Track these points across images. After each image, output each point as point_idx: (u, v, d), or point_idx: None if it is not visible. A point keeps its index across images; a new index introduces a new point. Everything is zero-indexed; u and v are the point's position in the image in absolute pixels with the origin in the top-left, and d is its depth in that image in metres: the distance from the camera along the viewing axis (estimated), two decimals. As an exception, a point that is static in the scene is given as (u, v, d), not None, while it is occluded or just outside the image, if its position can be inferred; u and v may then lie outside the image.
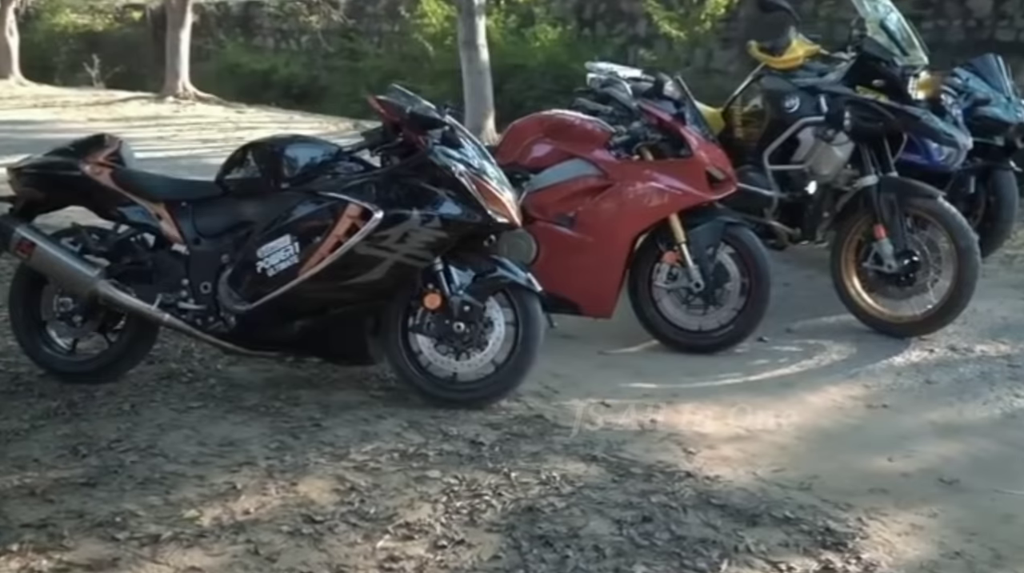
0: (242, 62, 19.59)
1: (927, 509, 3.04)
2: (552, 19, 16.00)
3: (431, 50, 15.98)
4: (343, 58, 18.77)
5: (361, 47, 18.55)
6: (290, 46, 20.49)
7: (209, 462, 3.29)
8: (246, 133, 12.06)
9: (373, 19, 19.56)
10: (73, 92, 17.31)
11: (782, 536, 2.87)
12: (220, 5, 22.29)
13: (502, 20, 16.16)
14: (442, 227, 3.54)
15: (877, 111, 4.39)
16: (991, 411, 3.83)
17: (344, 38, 19.12)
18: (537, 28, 15.32)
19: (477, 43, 10.95)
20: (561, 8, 16.72)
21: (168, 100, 14.97)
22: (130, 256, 3.84)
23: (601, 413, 3.75)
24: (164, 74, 15.98)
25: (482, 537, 2.85)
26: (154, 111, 14.10)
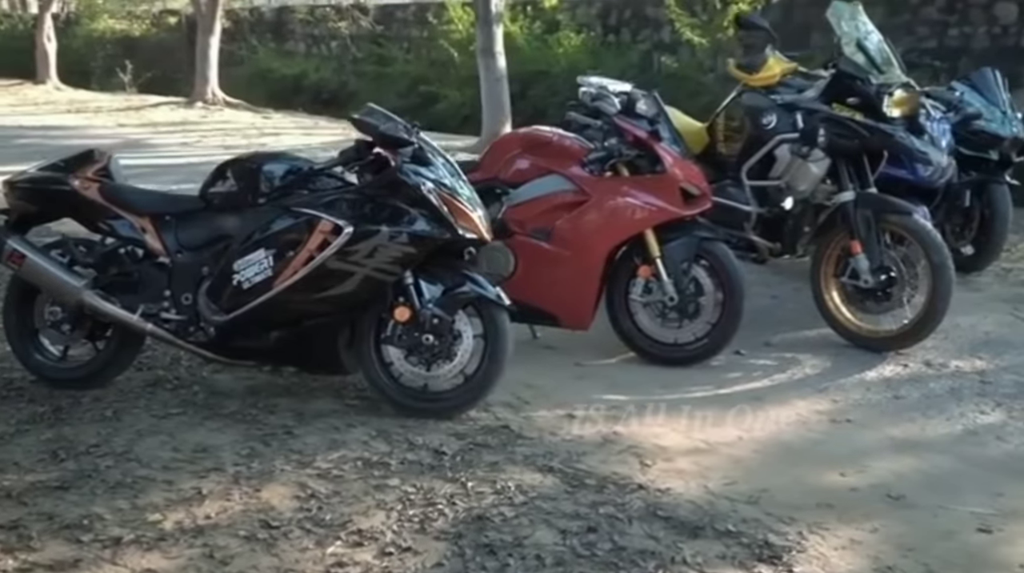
0: (273, 67, 19.88)
1: (869, 524, 3.11)
2: (576, 25, 16.10)
3: (457, 56, 16.13)
4: (372, 63, 19.00)
5: (389, 53, 18.76)
6: (321, 51, 20.75)
7: (180, 468, 3.44)
8: (270, 139, 12.32)
9: (402, 24, 19.77)
10: (107, 97, 17.68)
11: (721, 548, 2.96)
12: (253, 10, 22.62)
13: (527, 26, 16.29)
14: (410, 243, 3.66)
15: (851, 128, 4.46)
16: (953, 427, 3.87)
17: (373, 44, 19.35)
18: (560, 34, 15.41)
19: (494, 51, 11.09)
20: (586, 14, 16.82)
21: (197, 106, 15.25)
22: (116, 267, 4.00)
23: (566, 424, 3.85)
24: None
25: (429, 544, 2.96)
26: (182, 116, 14.38)
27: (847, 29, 4.68)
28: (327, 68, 19.55)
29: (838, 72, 4.60)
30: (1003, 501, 3.26)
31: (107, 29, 23.66)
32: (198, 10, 15.94)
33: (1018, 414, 3.97)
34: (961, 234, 6.05)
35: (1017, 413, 3.98)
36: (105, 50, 23.14)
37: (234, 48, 22.19)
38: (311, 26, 20.70)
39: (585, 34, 15.54)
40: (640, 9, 16.28)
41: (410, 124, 3.80)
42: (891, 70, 4.64)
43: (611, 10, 16.78)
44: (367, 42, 19.67)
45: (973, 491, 3.34)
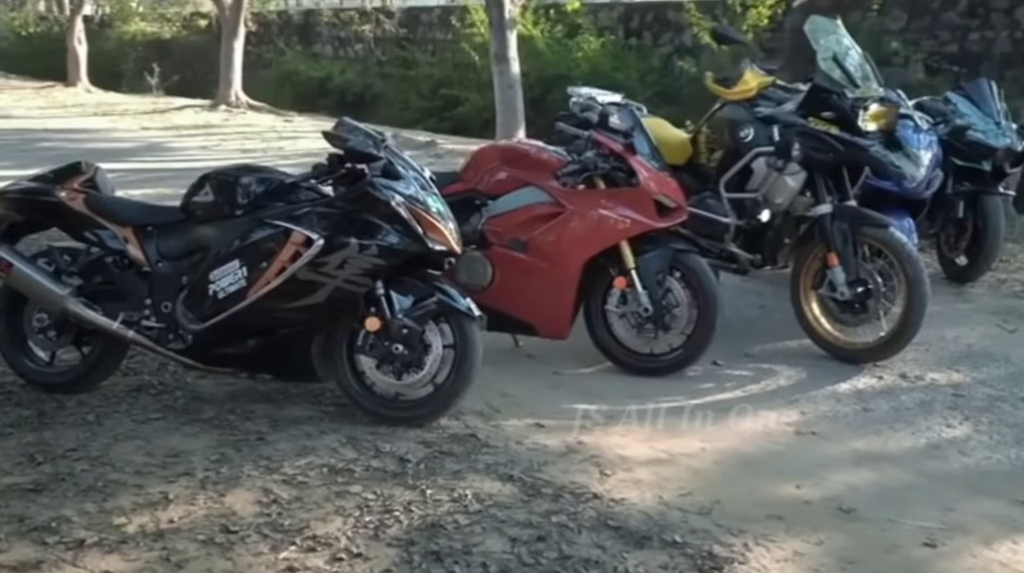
0: (300, 70, 20.12)
1: (815, 537, 3.16)
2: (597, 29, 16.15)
3: (478, 60, 16.25)
4: (396, 66, 19.17)
5: (413, 55, 18.92)
6: (347, 54, 20.97)
7: (151, 472, 3.55)
8: (287, 143, 12.50)
9: (428, 28, 19.94)
10: (135, 100, 17.97)
11: (665, 559, 3.02)
12: (281, 13, 22.91)
13: (548, 30, 16.37)
14: (379, 255, 3.76)
15: (826, 142, 4.51)
16: (917, 441, 3.91)
17: (398, 46, 19.52)
18: (580, 38, 15.48)
19: (508, 56, 11.16)
20: (608, 18, 16.88)
21: (220, 109, 15.48)
22: (100, 276, 4.13)
23: (532, 433, 3.93)
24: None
25: (380, 551, 3.05)
26: (205, 120, 14.61)
27: (824, 44, 4.71)
28: (352, 71, 19.75)
29: (814, 86, 4.65)
30: (953, 516, 3.30)
31: (138, 32, 24.05)
32: (222, 14, 16.18)
33: (985, 428, 4.00)
34: (955, 245, 6.08)
35: (984, 427, 4.01)
36: (136, 52, 23.52)
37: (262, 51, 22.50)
38: (337, 29, 20.93)
39: (605, 38, 15.61)
40: (662, 13, 16.32)
41: (380, 139, 3.89)
42: (868, 84, 4.67)
43: (633, 14, 16.84)
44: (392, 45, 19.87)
45: (925, 505, 3.38)
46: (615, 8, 17.09)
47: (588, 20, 16.54)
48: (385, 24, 18.69)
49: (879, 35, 13.26)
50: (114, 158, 10.99)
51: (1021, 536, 3.19)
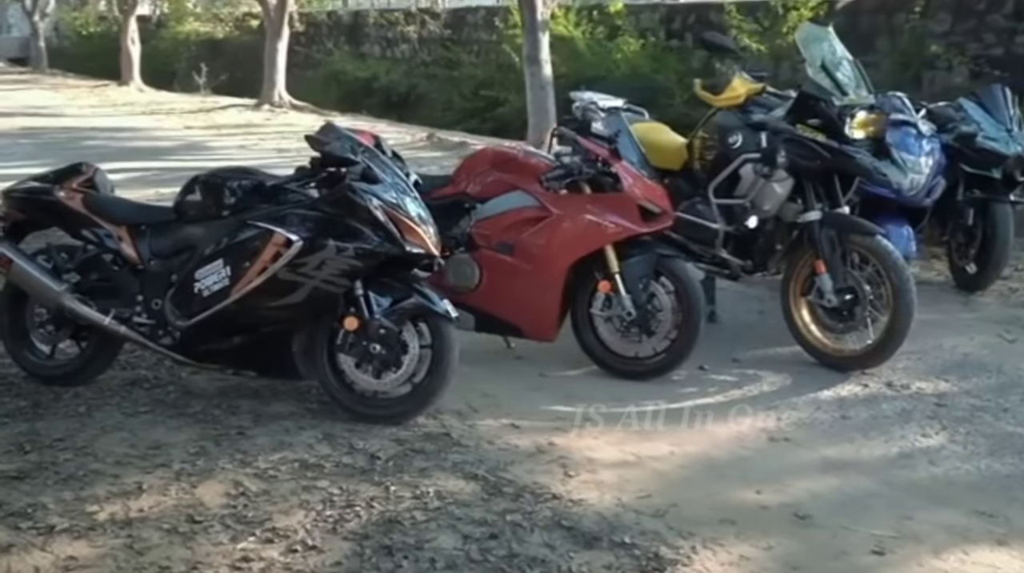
0: (346, 70, 20.41)
1: (764, 541, 3.20)
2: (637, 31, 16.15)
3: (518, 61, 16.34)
4: (441, 67, 19.35)
5: (456, 56, 19.08)
6: (394, 54, 21.21)
7: (131, 463, 3.70)
8: (323, 143, 12.67)
9: (473, 28, 20.09)
10: (183, 99, 18.36)
11: (611, 559, 3.09)
12: (331, 14, 23.22)
13: (590, 31, 16.41)
14: (356, 256, 3.86)
15: (812, 149, 4.52)
16: (888, 449, 3.92)
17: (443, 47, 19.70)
18: (620, 40, 15.50)
19: (540, 58, 11.23)
20: (650, 19, 16.87)
21: (264, 108, 15.76)
22: (96, 273, 4.29)
23: (505, 433, 4.01)
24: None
25: (336, 544, 3.16)
26: (247, 119, 14.89)
27: (813, 51, 4.72)
28: (398, 71, 19.98)
29: (801, 93, 4.66)
30: (909, 524, 3.32)
31: (192, 31, 24.55)
32: (267, 15, 16.46)
33: (960, 439, 4.00)
34: (964, 253, 6.03)
35: (960, 437, 4.00)
36: (189, 52, 24.02)
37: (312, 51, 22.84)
38: (384, 29, 21.18)
39: (645, 39, 15.61)
40: (704, 15, 16.28)
41: (357, 145, 3.99)
42: (857, 92, 4.67)
43: (675, 15, 16.82)
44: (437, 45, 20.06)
45: (883, 513, 3.39)
46: (657, 9, 17.09)
47: (630, 22, 16.57)
48: (430, 25, 18.86)
49: (922, 38, 13.12)
50: (153, 157, 11.32)
51: (973, 546, 3.20)
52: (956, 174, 5.87)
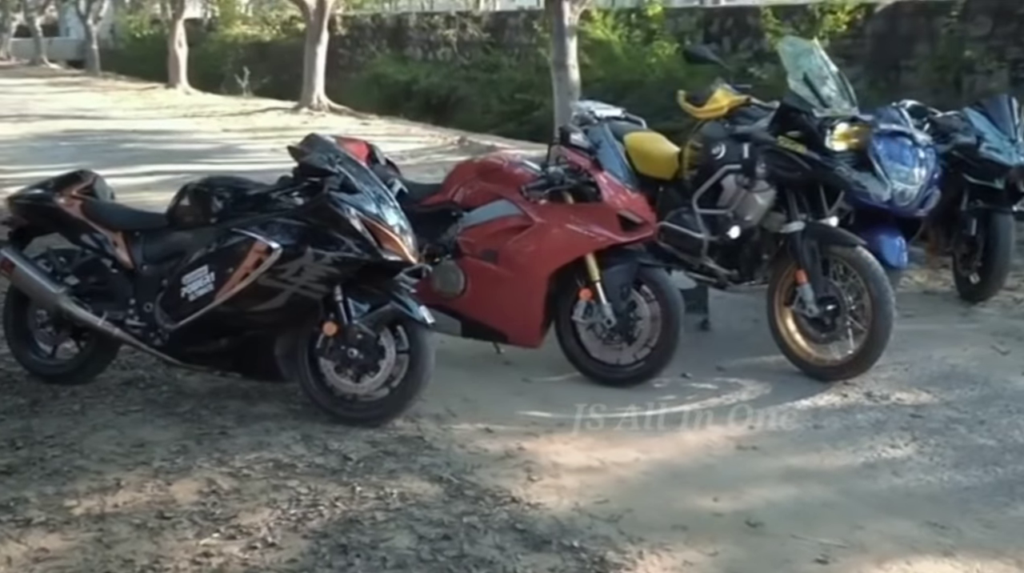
0: (387, 73, 20.67)
1: (711, 548, 3.28)
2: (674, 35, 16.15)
3: (554, 64, 16.38)
4: (481, 70, 19.52)
5: (496, 59, 19.23)
6: (436, 57, 21.43)
7: (114, 460, 3.87)
8: (354, 146, 12.89)
9: (514, 32, 20.25)
10: (226, 101, 18.73)
11: (557, 562, 3.18)
12: (375, 17, 23.51)
13: (626, 35, 16.46)
14: (333, 264, 4.00)
15: (792, 160, 4.57)
16: (854, 460, 3.96)
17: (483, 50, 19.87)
18: (655, 44, 15.52)
19: (567, 64, 11.32)
20: (688, 22, 16.88)
21: (302, 111, 16.04)
22: (93, 277, 4.49)
23: (478, 438, 4.12)
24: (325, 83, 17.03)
25: (294, 542, 3.29)
26: (284, 122, 15.16)
27: (797, 64, 4.76)
28: (438, 74, 20.19)
29: (782, 105, 4.71)
30: (858, 534, 3.37)
31: (239, 35, 24.99)
32: (306, 20, 16.73)
33: (929, 450, 4.03)
34: (967, 263, 6.02)
35: (929, 449, 4.03)
36: (237, 55, 24.47)
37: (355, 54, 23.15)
38: (426, 33, 21.41)
39: (681, 44, 15.60)
40: (742, 18, 16.26)
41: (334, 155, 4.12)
42: (839, 104, 4.70)
43: (713, 19, 16.82)
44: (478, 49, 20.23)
45: (835, 523, 3.45)
46: (695, 13, 17.09)
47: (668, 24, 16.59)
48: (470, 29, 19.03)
49: (960, 42, 12.98)
50: (187, 160, 11.59)
51: (918, 557, 3.24)
52: (960, 184, 5.88)
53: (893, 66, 14.39)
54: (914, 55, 14.05)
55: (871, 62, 14.62)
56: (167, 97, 19.77)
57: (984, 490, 3.70)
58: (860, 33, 14.68)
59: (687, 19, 16.77)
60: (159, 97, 19.93)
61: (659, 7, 16.74)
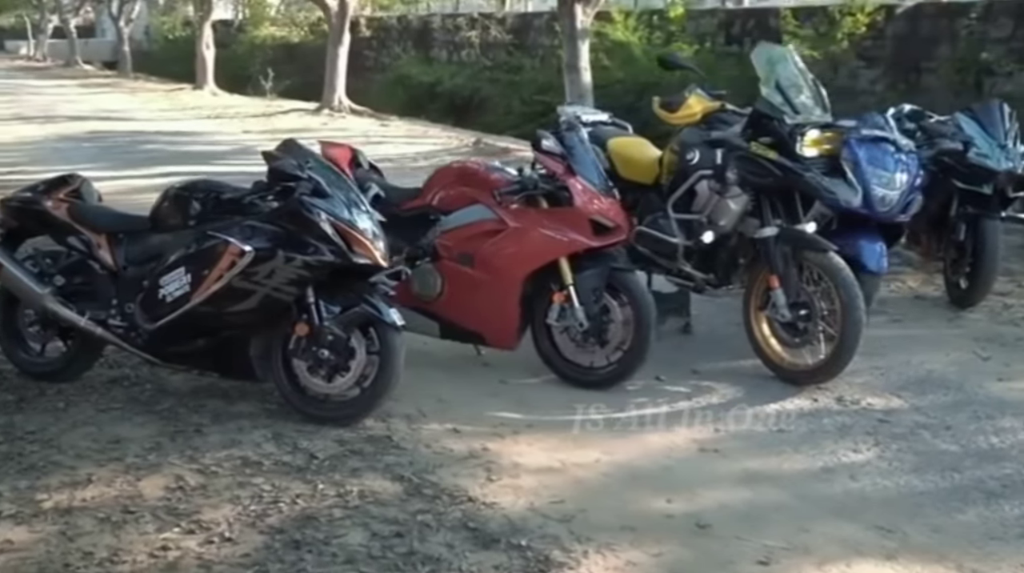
0: (412, 74, 20.83)
1: (657, 549, 3.34)
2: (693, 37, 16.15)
3: (574, 66, 16.43)
4: (504, 71, 19.62)
5: (519, 61, 19.33)
6: (460, 58, 21.56)
7: (89, 456, 4.00)
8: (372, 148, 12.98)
9: (537, 33, 20.34)
10: (250, 102, 18.96)
11: (503, 560, 3.26)
12: (401, 19, 23.68)
13: (646, 37, 16.48)
14: (303, 266, 4.11)
15: (764, 167, 4.62)
16: (813, 464, 4.00)
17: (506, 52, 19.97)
18: (674, 46, 15.53)
19: (579, 66, 11.39)
20: (709, 24, 16.88)
21: (323, 113, 16.22)
22: (78, 277, 4.63)
23: (445, 438, 4.21)
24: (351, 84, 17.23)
25: (251, 537, 3.40)
26: (304, 124, 15.33)
27: (769, 70, 4.80)
28: (462, 75, 20.33)
29: (754, 112, 4.76)
30: (804, 536, 3.42)
31: (268, 36, 25.26)
32: (328, 22, 16.92)
33: (890, 455, 4.06)
34: (956, 268, 6.03)
35: (890, 454, 4.07)
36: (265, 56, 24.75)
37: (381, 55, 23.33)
38: (451, 34, 21.54)
39: (700, 46, 15.61)
40: (763, 19, 16.26)
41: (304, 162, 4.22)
42: (812, 111, 4.73)
43: (734, 20, 16.80)
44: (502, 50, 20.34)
45: (784, 526, 3.50)
46: (716, 14, 17.08)
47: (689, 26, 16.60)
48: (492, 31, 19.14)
49: (978, 43, 12.90)
50: (205, 161, 11.79)
51: (860, 560, 3.29)
52: (950, 189, 5.89)
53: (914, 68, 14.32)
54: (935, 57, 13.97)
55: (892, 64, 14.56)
56: (193, 98, 20.05)
57: (938, 495, 3.73)
58: (881, 35, 14.63)
59: (708, 21, 16.78)
60: (185, 98, 20.22)
61: (681, 9, 16.76)
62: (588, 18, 11.50)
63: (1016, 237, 7.29)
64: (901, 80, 14.32)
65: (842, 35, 14.00)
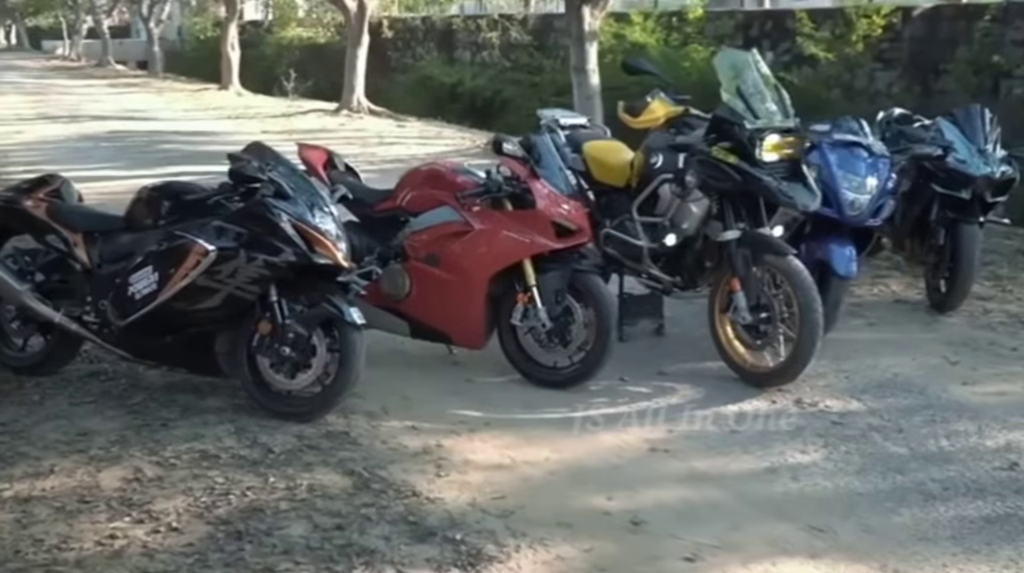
0: (434, 75, 20.96)
1: (587, 544, 3.43)
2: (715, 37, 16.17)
3: (593, 68, 16.49)
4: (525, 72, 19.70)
5: (539, 62, 19.40)
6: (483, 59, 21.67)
7: (55, 448, 4.15)
8: (383, 149, 13.22)
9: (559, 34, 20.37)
10: (273, 103, 19.20)
11: (435, 553, 3.37)
12: (425, 19, 23.84)
13: (663, 39, 16.52)
14: (265, 266, 4.24)
15: (723, 171, 4.68)
16: (758, 464, 4.06)
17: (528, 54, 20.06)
18: (690, 48, 15.56)
19: (587, 69, 11.44)
20: (727, 26, 16.86)
21: (342, 114, 16.40)
22: (56, 275, 4.79)
23: (402, 435, 4.31)
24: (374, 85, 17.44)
25: (197, 527, 3.53)
26: (322, 124, 15.53)
27: (731, 76, 4.86)
28: (483, 76, 20.42)
29: (714, 117, 4.82)
30: (734, 535, 3.50)
31: (295, 37, 25.51)
32: (348, 23, 17.10)
33: (837, 456, 4.12)
34: (935, 272, 6.05)
35: (837, 455, 4.12)
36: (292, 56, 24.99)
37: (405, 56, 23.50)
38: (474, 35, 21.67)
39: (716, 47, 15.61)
40: (780, 21, 16.23)
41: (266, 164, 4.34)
42: (773, 116, 4.77)
43: (752, 22, 16.78)
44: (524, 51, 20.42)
45: (717, 524, 3.57)
46: (734, 16, 17.07)
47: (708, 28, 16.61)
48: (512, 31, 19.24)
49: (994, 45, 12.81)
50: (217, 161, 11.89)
51: (785, 558, 3.36)
52: (931, 194, 5.92)
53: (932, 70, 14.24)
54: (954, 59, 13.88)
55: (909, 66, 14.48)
56: (218, 99, 20.34)
57: (876, 496, 3.79)
58: (898, 37, 14.56)
59: (726, 22, 16.76)
60: (210, 99, 20.51)
61: (700, 10, 16.78)
62: (596, 20, 11.56)
63: (1016, 241, 7.31)
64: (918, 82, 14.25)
65: (857, 37, 13.96)
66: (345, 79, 17.05)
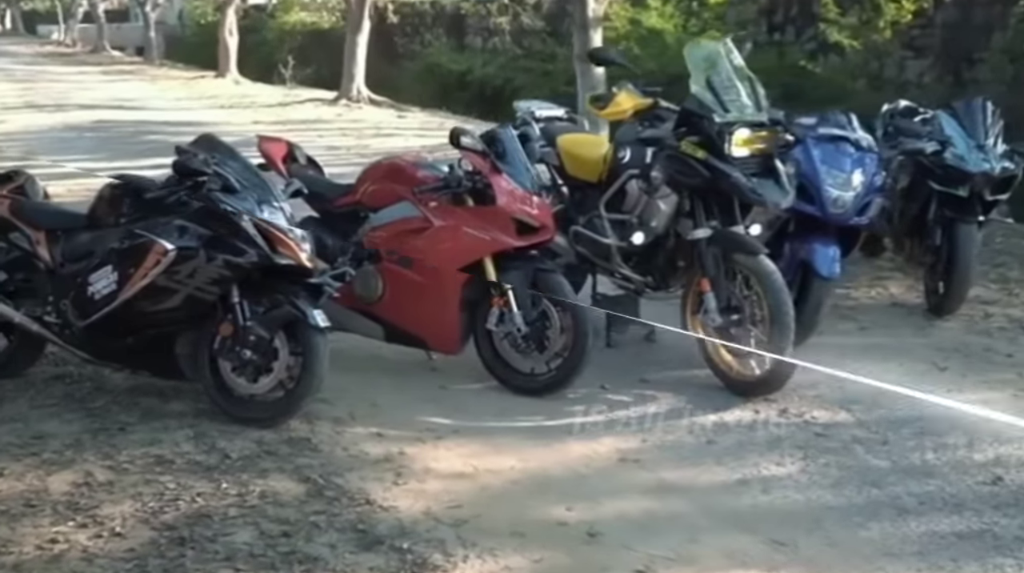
0: (442, 62, 21.11)
1: (538, 555, 3.56)
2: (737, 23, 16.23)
3: (606, 56, 16.58)
4: (537, 60, 19.82)
5: (552, 49, 19.51)
6: (494, 46, 21.79)
7: (7, 451, 4.32)
8: (379, 141, 13.37)
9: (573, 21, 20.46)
10: (269, 91, 19.40)
11: (380, 562, 3.51)
12: (435, 4, 23.98)
13: (681, 24, 16.60)
14: (224, 266, 4.40)
15: (691, 166, 4.77)
16: (730, 476, 4.18)
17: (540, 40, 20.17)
18: (708, 35, 15.63)
19: (590, 57, 11.51)
20: (751, 11, 16.93)
21: (340, 103, 16.57)
22: (20, 273, 4.96)
23: (365, 442, 4.45)
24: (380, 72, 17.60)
25: (140, 533, 3.68)
26: (318, 115, 15.71)
27: (702, 68, 4.94)
28: (493, 64, 20.56)
29: (682, 110, 4.92)
30: (691, 548, 3.62)
31: (298, 22, 25.70)
32: (349, 9, 17.25)
33: (813, 469, 4.22)
34: (933, 274, 6.10)
35: (814, 468, 4.23)
36: (295, 42, 25.20)
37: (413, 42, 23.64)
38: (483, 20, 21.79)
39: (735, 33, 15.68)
40: (806, 6, 16.28)
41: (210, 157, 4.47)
42: (744, 110, 4.84)
43: (776, 7, 16.84)
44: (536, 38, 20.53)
45: (675, 536, 3.69)
46: (758, 1, 17.13)
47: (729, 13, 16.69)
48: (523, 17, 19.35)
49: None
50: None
51: (741, 571, 3.48)
52: (929, 192, 5.99)
53: (966, 58, 14.26)
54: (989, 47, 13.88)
55: (940, 54, 14.50)
56: (213, 87, 20.57)
57: (847, 510, 3.90)
58: (929, 23, 14.60)
59: (749, 8, 16.85)
60: (205, 87, 20.75)
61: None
62: (601, 6, 11.67)
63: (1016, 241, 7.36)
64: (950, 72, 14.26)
65: (886, 23, 14.00)
66: (344, 67, 17.22)
